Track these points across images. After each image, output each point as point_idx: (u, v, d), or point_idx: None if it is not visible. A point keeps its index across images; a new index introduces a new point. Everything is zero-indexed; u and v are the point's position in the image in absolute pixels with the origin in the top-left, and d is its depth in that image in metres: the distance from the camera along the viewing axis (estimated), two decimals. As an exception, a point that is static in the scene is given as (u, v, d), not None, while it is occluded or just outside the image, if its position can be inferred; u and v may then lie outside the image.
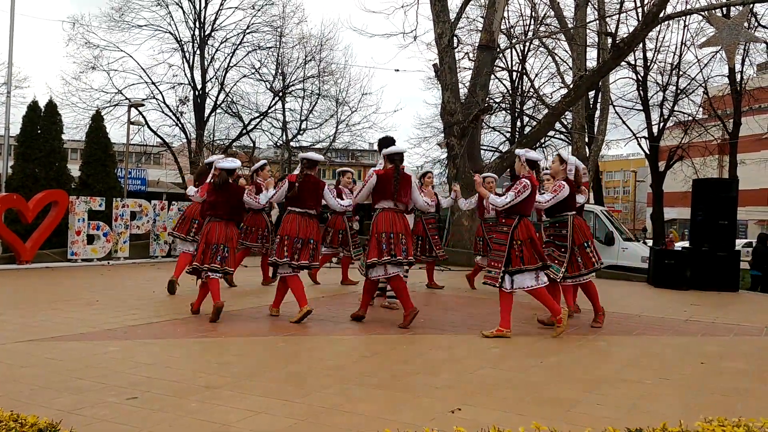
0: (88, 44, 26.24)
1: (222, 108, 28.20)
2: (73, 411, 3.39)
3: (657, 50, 24.83)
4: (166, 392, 3.81)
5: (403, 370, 4.62)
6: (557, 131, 25.89)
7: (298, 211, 6.47)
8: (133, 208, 12.37)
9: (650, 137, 26.30)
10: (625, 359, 5.34)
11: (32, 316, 6.17)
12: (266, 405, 3.62)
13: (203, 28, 27.65)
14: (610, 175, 66.57)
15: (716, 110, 25.65)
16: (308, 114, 29.35)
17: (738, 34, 11.88)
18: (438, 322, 5.95)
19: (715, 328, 7.09)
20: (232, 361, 4.69)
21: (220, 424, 3.28)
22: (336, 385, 4.09)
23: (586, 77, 15.57)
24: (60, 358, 4.62)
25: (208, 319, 6.21)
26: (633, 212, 60.60)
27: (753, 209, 39.06)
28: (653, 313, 8.02)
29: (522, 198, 5.83)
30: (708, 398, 4.19)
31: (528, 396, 4.03)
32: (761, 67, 30.83)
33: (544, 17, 24.29)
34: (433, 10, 15.16)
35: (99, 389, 3.83)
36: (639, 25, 13.94)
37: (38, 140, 13.29)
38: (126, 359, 4.64)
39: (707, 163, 27.47)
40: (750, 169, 31.04)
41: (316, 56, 28.82)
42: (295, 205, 6.49)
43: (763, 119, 28.01)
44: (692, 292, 10.67)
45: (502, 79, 28.07)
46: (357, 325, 6.36)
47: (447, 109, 14.92)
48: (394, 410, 3.61)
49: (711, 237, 11.45)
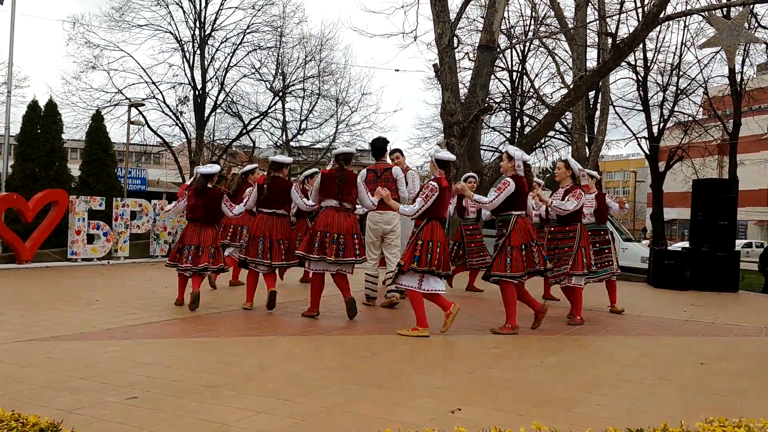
0: (89, 44, 26.30)
1: (222, 108, 28.25)
2: (73, 411, 3.38)
3: (657, 50, 24.87)
4: (166, 392, 3.81)
5: (403, 370, 4.62)
6: (557, 131, 25.88)
7: (266, 212, 6.80)
8: (133, 208, 12.38)
9: (650, 137, 26.31)
10: (625, 359, 5.34)
11: (32, 316, 6.17)
12: (266, 405, 3.62)
13: (203, 28, 27.67)
14: (610, 175, 66.60)
15: (716, 111, 25.66)
16: (308, 114, 29.37)
17: (738, 35, 11.87)
18: (438, 322, 5.94)
19: (715, 329, 7.10)
20: (232, 361, 4.69)
21: (219, 424, 3.28)
22: (336, 385, 4.09)
23: (587, 77, 15.55)
24: (60, 357, 4.62)
25: (207, 318, 6.21)
26: (633, 212, 60.63)
27: (752, 210, 39.11)
28: (653, 314, 8.03)
29: (430, 202, 5.81)
30: (708, 398, 4.19)
31: (528, 396, 4.03)
32: (761, 68, 30.86)
33: (545, 17, 24.28)
34: (433, 10, 15.14)
35: (99, 389, 3.83)
36: (639, 25, 13.92)
37: (38, 140, 13.30)
38: (126, 359, 4.64)
39: (707, 163, 27.49)
40: (749, 169, 31.09)
41: (316, 56, 28.86)
42: (264, 206, 6.81)
43: (762, 120, 28.03)
44: (692, 292, 10.68)
45: (502, 80, 28.07)
46: (356, 325, 6.36)
47: (447, 109, 14.90)
48: (394, 410, 3.61)
49: (711, 237, 11.47)
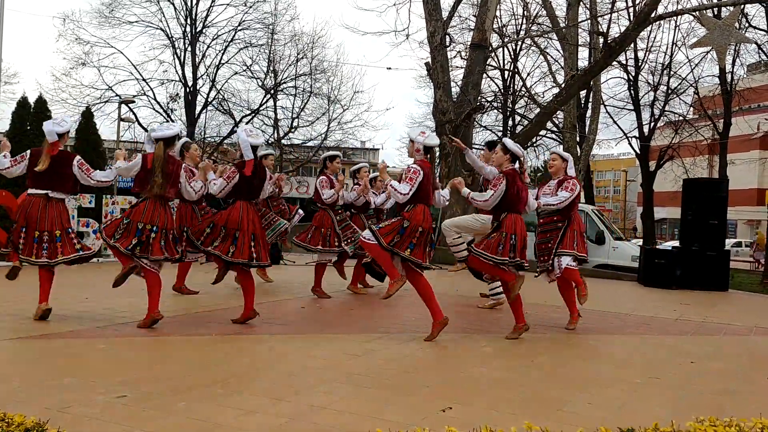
0: (79, 40, 26.12)
1: (213, 105, 28.14)
2: (61, 409, 3.35)
3: (648, 50, 24.97)
4: (155, 391, 3.78)
5: (393, 369, 4.61)
6: (549, 130, 25.94)
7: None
8: (123, 206, 12.31)
9: (641, 137, 26.42)
10: (615, 359, 5.35)
11: (20, 314, 6.12)
12: (257, 404, 3.60)
13: (194, 25, 27.54)
14: (601, 174, 66.84)
15: (707, 110, 25.78)
16: (300, 112, 29.28)
17: (729, 35, 11.94)
18: (427, 321, 5.93)
19: (705, 328, 7.12)
20: (223, 360, 4.67)
21: (210, 423, 3.26)
22: (327, 385, 4.08)
23: (578, 77, 15.60)
24: (48, 356, 4.58)
25: (198, 317, 6.18)
26: (624, 212, 60.91)
27: (742, 209, 39.32)
28: (643, 313, 8.05)
29: (416, 185, 5.61)
30: (698, 398, 4.20)
31: (519, 395, 4.03)
32: (751, 68, 31.02)
33: (536, 16, 24.35)
34: (426, 9, 15.14)
35: (88, 387, 3.79)
36: (630, 24, 13.98)
37: (28, 137, 13.18)
38: (115, 357, 4.61)
39: (697, 163, 27.63)
40: (739, 169, 31.26)
41: (308, 54, 28.77)
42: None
43: (752, 119, 28.21)
44: (682, 291, 10.72)
45: (494, 78, 28.11)
46: (347, 324, 6.36)
47: (439, 108, 14.91)
48: (385, 409, 3.60)
49: (701, 236, 11.52)
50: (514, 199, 5.83)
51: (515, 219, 5.82)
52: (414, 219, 5.52)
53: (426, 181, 5.61)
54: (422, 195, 5.60)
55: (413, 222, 5.51)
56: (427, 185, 5.65)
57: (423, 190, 5.60)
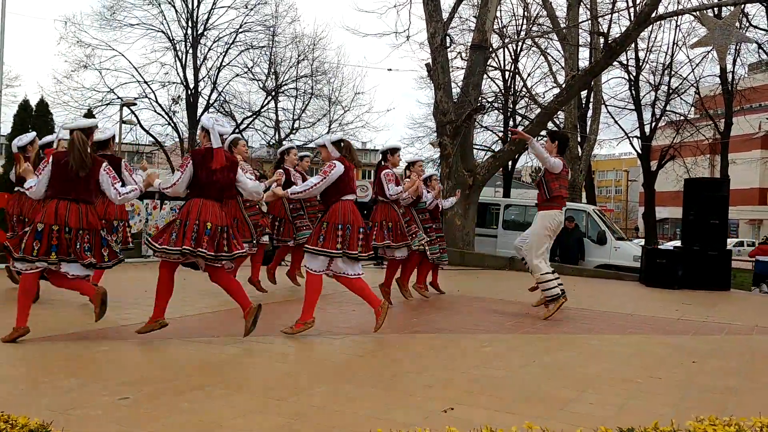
0: (80, 43, 26.20)
1: (215, 107, 28.17)
2: (64, 411, 3.36)
3: (649, 50, 25.00)
4: (158, 392, 3.79)
5: (395, 369, 4.62)
6: (549, 131, 25.93)
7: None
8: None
9: (642, 137, 26.42)
10: (616, 358, 5.36)
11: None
12: (259, 404, 3.61)
13: (196, 27, 27.61)
14: (603, 174, 66.79)
15: (708, 110, 25.79)
16: (301, 113, 29.33)
17: (729, 35, 11.93)
18: (429, 321, 5.96)
19: (707, 327, 7.12)
20: (225, 361, 4.68)
21: (212, 423, 3.27)
22: (328, 385, 4.09)
23: (579, 77, 15.62)
24: (51, 357, 4.59)
25: (200, 318, 6.19)
26: (625, 211, 60.86)
27: (744, 209, 39.30)
28: (645, 312, 8.05)
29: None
30: (699, 397, 4.21)
31: (520, 395, 4.04)
32: (752, 67, 31.00)
33: (537, 17, 24.36)
34: (426, 10, 15.15)
35: (90, 389, 3.81)
36: (631, 25, 13.98)
37: (29, 139, 13.21)
38: (118, 359, 4.62)
39: (698, 162, 27.63)
40: (741, 168, 31.25)
41: (308, 56, 28.85)
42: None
43: (753, 119, 28.19)
44: (683, 291, 10.71)
45: (494, 79, 28.09)
46: (348, 324, 6.35)
47: (440, 109, 14.92)
48: (387, 410, 3.61)
49: (702, 236, 11.50)
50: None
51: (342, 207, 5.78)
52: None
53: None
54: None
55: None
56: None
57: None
